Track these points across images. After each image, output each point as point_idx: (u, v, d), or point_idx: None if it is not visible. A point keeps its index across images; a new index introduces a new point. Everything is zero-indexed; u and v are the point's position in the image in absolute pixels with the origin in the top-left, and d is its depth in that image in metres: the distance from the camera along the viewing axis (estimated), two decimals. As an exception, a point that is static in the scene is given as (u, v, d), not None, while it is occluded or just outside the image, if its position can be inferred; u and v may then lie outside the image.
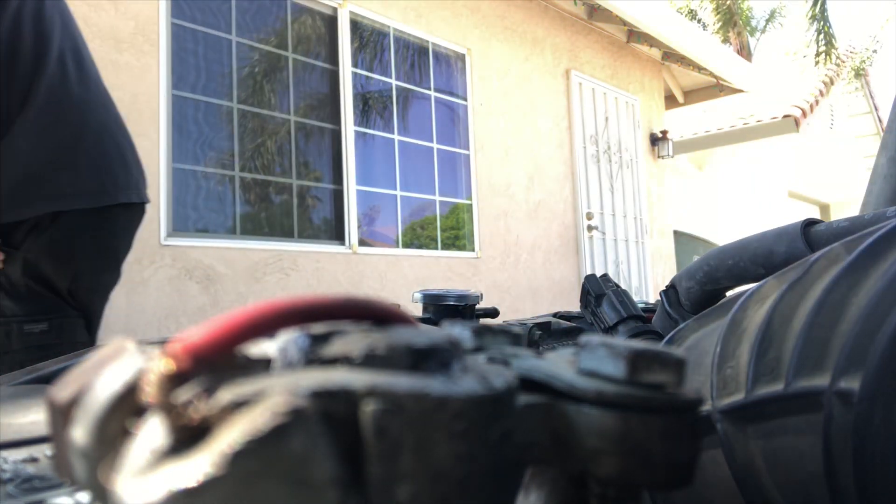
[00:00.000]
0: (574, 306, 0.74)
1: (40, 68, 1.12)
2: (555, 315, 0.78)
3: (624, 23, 6.27)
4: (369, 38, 4.47)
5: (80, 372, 0.18)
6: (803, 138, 10.07)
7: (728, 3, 13.10)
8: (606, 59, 6.32)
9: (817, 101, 9.71)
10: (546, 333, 0.69)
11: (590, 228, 5.72)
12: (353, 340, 0.17)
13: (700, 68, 7.52)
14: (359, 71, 4.34)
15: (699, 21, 13.40)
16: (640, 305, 0.74)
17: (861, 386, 0.23)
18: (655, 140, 7.13)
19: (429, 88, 4.82)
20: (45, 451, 0.30)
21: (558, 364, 0.21)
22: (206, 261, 3.34)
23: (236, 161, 3.62)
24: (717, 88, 8.09)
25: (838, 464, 0.23)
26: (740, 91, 8.15)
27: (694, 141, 9.16)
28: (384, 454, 0.15)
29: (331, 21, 4.22)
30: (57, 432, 0.18)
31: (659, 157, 7.16)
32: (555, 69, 5.65)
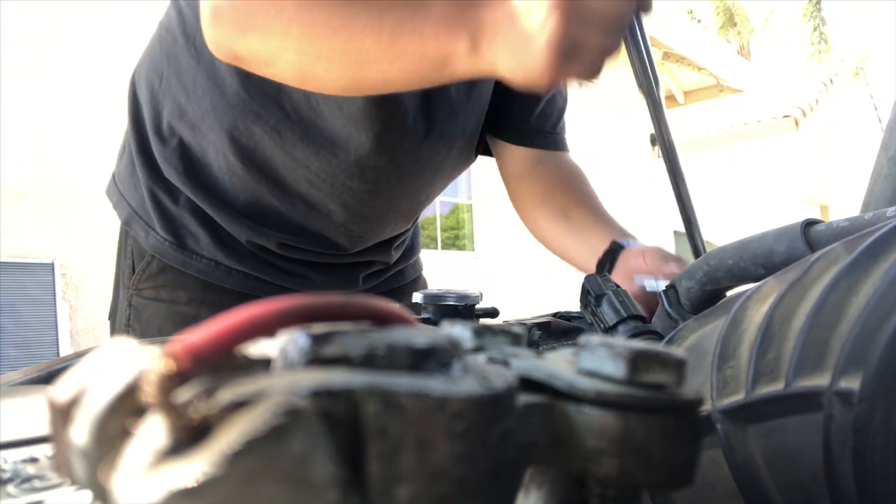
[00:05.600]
0: (574, 306, 0.74)
1: None
2: (555, 315, 0.78)
3: (624, 23, 6.27)
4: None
5: (80, 372, 0.18)
6: (803, 138, 10.07)
7: (727, 3, 13.11)
8: (606, 59, 6.32)
9: (817, 101, 9.71)
10: (546, 333, 0.69)
11: (590, 228, 5.72)
12: (353, 340, 0.17)
13: (700, 68, 7.53)
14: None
15: (698, 21, 13.42)
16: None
17: (861, 386, 0.23)
18: (655, 140, 7.14)
19: (429, 88, 4.82)
20: (45, 451, 0.30)
21: (558, 364, 0.21)
22: (206, 261, 3.34)
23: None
24: (717, 88, 8.10)
25: (838, 464, 0.23)
26: (740, 91, 8.16)
27: (694, 141, 9.17)
28: (384, 454, 0.15)
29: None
30: (57, 432, 0.18)
31: (659, 157, 7.16)
32: (555, 69, 5.64)
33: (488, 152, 1.07)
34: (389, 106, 0.82)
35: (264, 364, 0.17)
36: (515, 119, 1.01)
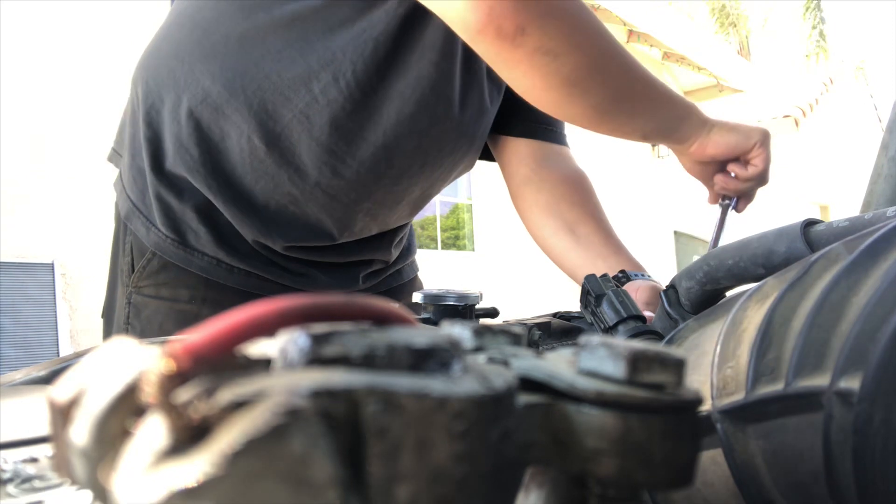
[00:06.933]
0: (574, 306, 0.74)
1: None
2: (555, 315, 0.78)
3: (624, 23, 6.28)
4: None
5: (80, 372, 0.18)
6: (803, 138, 10.07)
7: (723, 3, 13.12)
8: (606, 59, 6.33)
9: (817, 101, 9.71)
10: (546, 333, 0.69)
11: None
12: (353, 340, 0.17)
13: (700, 68, 7.53)
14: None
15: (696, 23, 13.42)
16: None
17: (861, 386, 0.23)
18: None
19: (429, 88, 4.82)
20: (45, 451, 0.30)
21: (558, 364, 0.21)
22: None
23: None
24: (717, 88, 8.10)
25: (838, 464, 0.23)
26: (740, 91, 8.16)
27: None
28: (384, 454, 0.15)
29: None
30: (57, 432, 0.18)
31: (659, 156, 7.17)
32: (555, 69, 5.64)
33: (487, 157, 1.08)
34: (426, 91, 0.84)
35: (264, 364, 0.17)
36: (518, 112, 1.02)
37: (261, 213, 0.88)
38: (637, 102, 0.78)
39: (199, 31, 0.85)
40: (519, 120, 1.02)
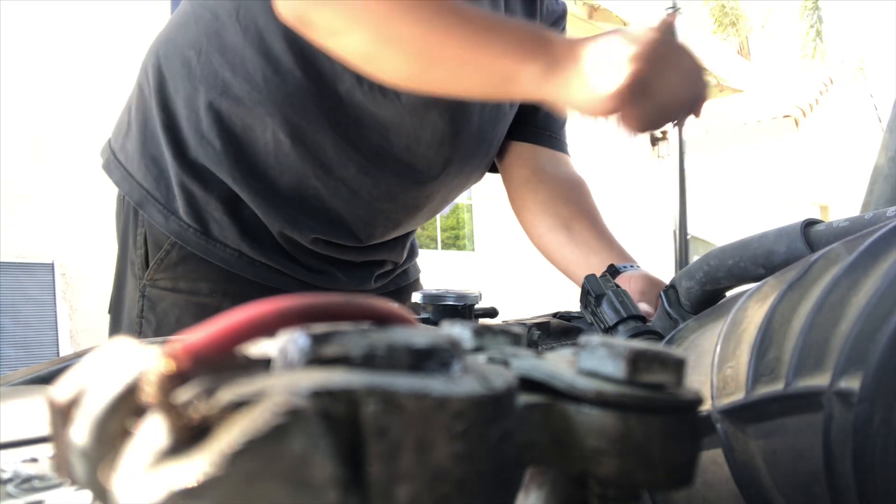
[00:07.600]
0: (574, 306, 0.74)
1: None
2: (555, 315, 0.78)
3: (624, 23, 6.28)
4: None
5: (80, 372, 0.18)
6: (803, 138, 10.07)
7: (722, 3, 13.12)
8: (606, 59, 6.32)
9: (817, 101, 9.71)
10: (546, 333, 0.69)
11: (590, 228, 5.72)
12: (353, 340, 0.17)
13: (700, 68, 7.50)
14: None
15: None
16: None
17: (861, 386, 0.23)
18: (655, 140, 7.14)
19: (429, 88, 4.81)
20: (45, 451, 0.30)
21: (558, 364, 0.21)
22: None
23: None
24: (717, 88, 8.10)
25: (838, 464, 0.23)
26: (740, 91, 8.16)
27: (694, 141, 9.14)
28: (384, 454, 0.15)
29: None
30: (57, 432, 0.18)
31: (659, 157, 7.17)
32: (555, 69, 5.64)
33: (492, 167, 1.09)
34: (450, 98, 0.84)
35: (264, 364, 0.17)
36: (524, 119, 1.03)
37: (286, 205, 0.87)
38: (456, 65, 0.69)
39: (218, 22, 0.84)
40: (524, 126, 1.04)
